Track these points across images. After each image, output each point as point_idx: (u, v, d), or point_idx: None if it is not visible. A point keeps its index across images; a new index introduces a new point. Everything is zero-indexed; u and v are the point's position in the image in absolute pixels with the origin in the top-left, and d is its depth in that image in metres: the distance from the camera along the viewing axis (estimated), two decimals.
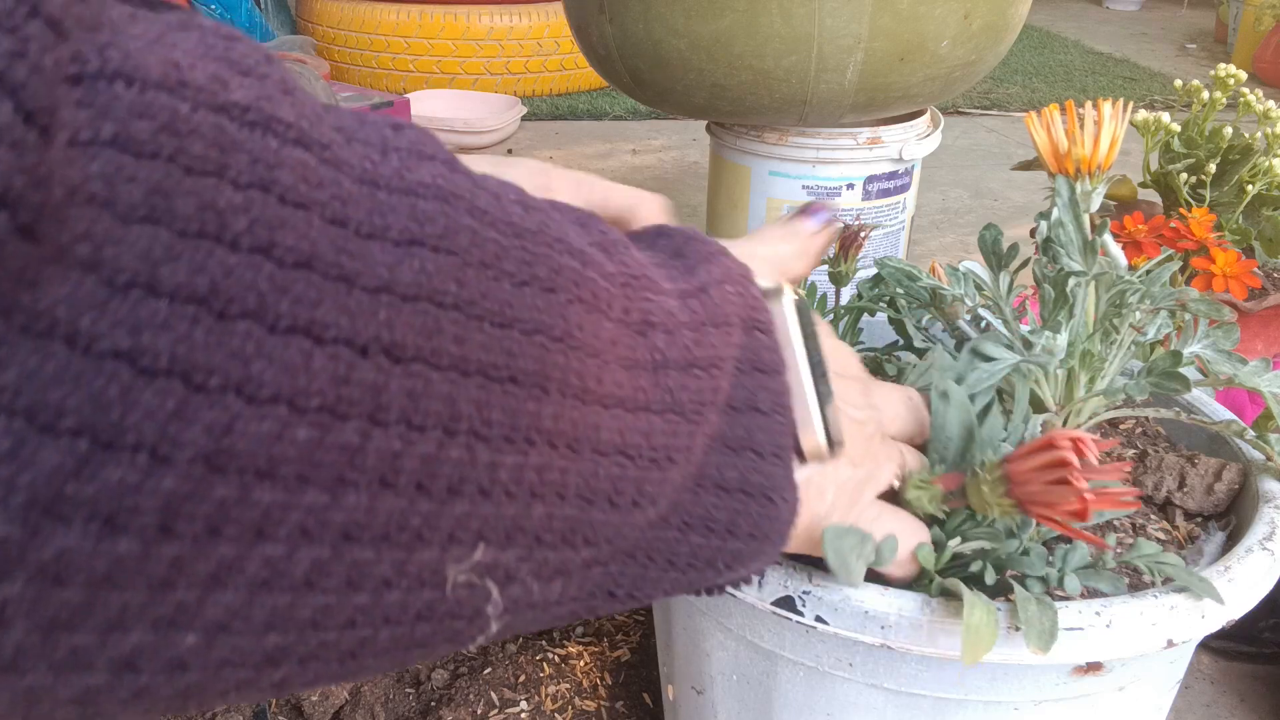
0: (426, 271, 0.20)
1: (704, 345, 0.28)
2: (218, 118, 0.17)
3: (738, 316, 0.29)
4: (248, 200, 0.17)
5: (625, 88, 1.11)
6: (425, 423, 0.20)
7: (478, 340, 0.21)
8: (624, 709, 0.65)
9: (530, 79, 2.51)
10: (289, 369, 0.17)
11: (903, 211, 1.16)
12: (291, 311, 0.17)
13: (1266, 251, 0.86)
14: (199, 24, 0.18)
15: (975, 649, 0.32)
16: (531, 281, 0.22)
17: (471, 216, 0.21)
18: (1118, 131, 0.41)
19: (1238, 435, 0.46)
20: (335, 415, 0.18)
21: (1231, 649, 0.73)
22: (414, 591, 0.21)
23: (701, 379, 0.27)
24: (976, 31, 0.99)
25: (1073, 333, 0.43)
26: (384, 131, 0.21)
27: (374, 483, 0.19)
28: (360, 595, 0.20)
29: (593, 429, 0.24)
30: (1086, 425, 0.46)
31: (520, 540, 0.23)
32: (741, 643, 0.42)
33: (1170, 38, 3.65)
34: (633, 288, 0.26)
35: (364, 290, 0.18)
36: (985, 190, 1.86)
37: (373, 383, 0.19)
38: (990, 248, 0.46)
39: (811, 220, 0.40)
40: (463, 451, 0.20)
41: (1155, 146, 0.90)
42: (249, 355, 0.17)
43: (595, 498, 0.25)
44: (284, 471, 0.18)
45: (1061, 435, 0.32)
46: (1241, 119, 0.88)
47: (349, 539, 0.19)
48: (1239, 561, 0.38)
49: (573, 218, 0.27)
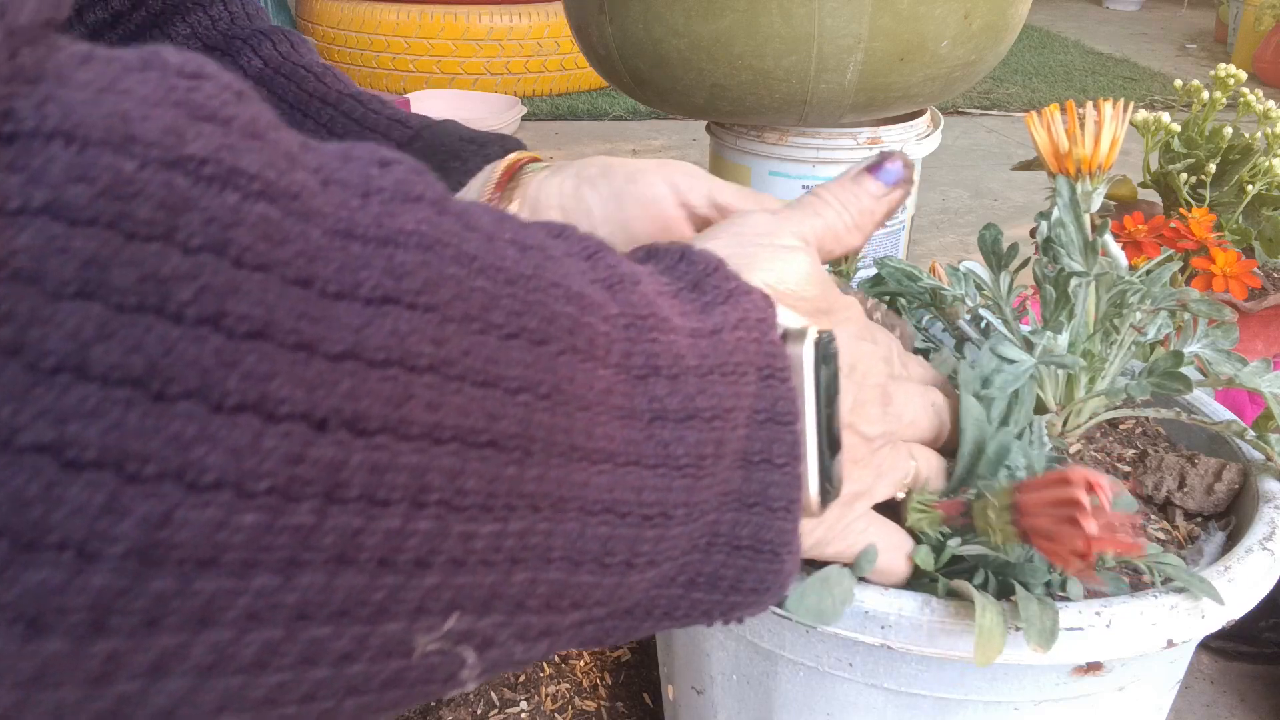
0: (400, 332, 0.18)
1: (710, 394, 0.26)
2: (169, 175, 0.16)
3: (752, 365, 0.28)
4: (197, 266, 0.16)
5: (625, 88, 1.11)
6: (390, 497, 0.18)
7: (454, 404, 0.19)
8: (624, 709, 0.65)
9: (530, 79, 2.51)
10: (235, 451, 0.16)
11: (903, 211, 1.16)
12: (240, 388, 0.16)
13: (1266, 251, 0.86)
14: (162, 62, 0.17)
15: (987, 650, 0.32)
16: (520, 333, 0.21)
17: (458, 264, 0.20)
18: (1118, 132, 0.41)
19: (1238, 435, 0.46)
20: (287, 497, 0.17)
21: (1231, 649, 0.73)
22: (378, 663, 0.20)
23: (702, 431, 0.26)
24: (976, 31, 0.99)
25: (1073, 333, 0.43)
26: (368, 171, 0.20)
27: (331, 561, 0.18)
28: (318, 670, 0.19)
29: (579, 487, 0.23)
30: (1087, 425, 0.46)
31: (500, 607, 0.22)
32: (741, 643, 0.42)
33: (1170, 38, 3.65)
34: (637, 328, 0.25)
35: (326, 358, 0.17)
36: (985, 190, 1.86)
37: (331, 460, 0.17)
38: (990, 248, 0.46)
39: (880, 179, 0.36)
40: (432, 523, 0.19)
41: (1155, 146, 0.90)
42: (189, 439, 0.16)
43: (583, 559, 0.23)
44: (229, 558, 0.16)
45: (1078, 474, 0.31)
46: (1241, 119, 0.88)
47: (304, 618, 0.18)
48: (1239, 561, 0.38)
49: (580, 250, 0.25)
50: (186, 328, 0.16)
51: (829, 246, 0.36)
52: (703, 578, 0.28)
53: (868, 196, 0.36)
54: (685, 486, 0.26)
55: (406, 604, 0.19)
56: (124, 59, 0.16)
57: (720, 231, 0.34)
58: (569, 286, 0.23)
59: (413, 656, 0.20)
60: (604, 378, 0.23)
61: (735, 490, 0.28)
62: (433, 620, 0.20)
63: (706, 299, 0.28)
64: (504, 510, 0.21)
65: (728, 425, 0.27)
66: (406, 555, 0.19)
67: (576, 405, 0.22)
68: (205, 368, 0.16)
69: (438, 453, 0.19)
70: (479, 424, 0.20)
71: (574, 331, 0.22)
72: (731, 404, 0.27)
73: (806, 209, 0.36)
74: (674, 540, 0.26)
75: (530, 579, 0.22)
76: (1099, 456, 0.47)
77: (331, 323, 0.17)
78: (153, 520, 0.15)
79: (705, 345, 0.26)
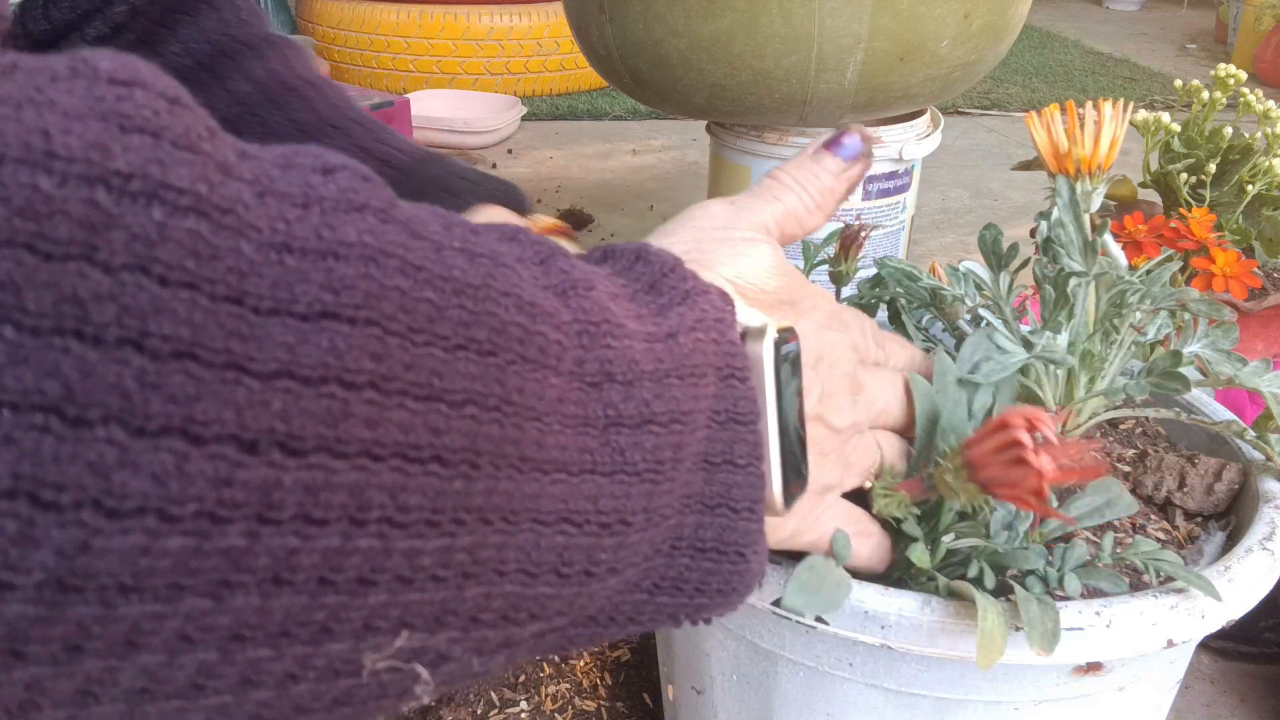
0: (337, 349, 0.18)
1: (666, 398, 0.26)
2: (91, 192, 0.15)
3: (711, 366, 0.27)
4: (118, 286, 0.15)
5: (625, 88, 1.11)
6: (327, 516, 0.18)
7: (395, 420, 0.19)
8: (624, 709, 0.65)
9: (530, 79, 2.51)
10: (158, 476, 0.16)
11: (903, 211, 1.15)
12: (164, 411, 0.16)
13: (1266, 251, 0.86)
14: (91, 70, 0.16)
15: (990, 653, 0.32)
16: (468, 345, 0.20)
17: (403, 276, 0.19)
18: (1118, 132, 0.41)
19: (1238, 435, 0.46)
20: (215, 520, 0.16)
21: (1231, 649, 0.73)
22: (325, 683, 0.19)
23: (660, 435, 0.25)
24: (976, 31, 0.99)
25: (1073, 333, 0.43)
26: (309, 178, 0.19)
27: (265, 582, 0.17)
28: (260, 692, 0.18)
29: (532, 498, 0.22)
30: (1086, 425, 0.46)
31: (453, 623, 0.21)
32: (741, 643, 0.42)
33: (1170, 38, 3.65)
34: (590, 335, 0.24)
35: (257, 378, 0.17)
36: (985, 190, 1.86)
37: (262, 481, 0.17)
38: (990, 248, 0.46)
39: (839, 155, 0.35)
40: (374, 541, 0.19)
41: (1155, 146, 0.90)
42: (109, 465, 0.15)
43: (540, 571, 0.23)
44: (154, 584, 0.16)
45: (1014, 416, 0.31)
46: (1241, 119, 0.88)
47: (239, 640, 0.17)
48: (1239, 561, 0.38)
49: (533, 255, 0.25)
50: (106, 350, 0.15)
51: (791, 230, 0.35)
52: (667, 582, 0.28)
53: (827, 175, 0.35)
54: (644, 492, 0.25)
55: (351, 623, 0.19)
56: (51, 68, 0.16)
57: (679, 226, 0.34)
58: (519, 295, 0.22)
59: (362, 675, 0.20)
60: (556, 386, 0.23)
61: (698, 493, 0.27)
62: (381, 639, 0.20)
63: (663, 300, 0.28)
64: (452, 525, 0.20)
65: (687, 428, 0.26)
66: (348, 574, 0.18)
67: (527, 416, 0.22)
68: (126, 391, 0.15)
69: (378, 470, 0.18)
70: (422, 439, 0.19)
71: (524, 341, 0.22)
72: (690, 407, 0.26)
73: (765, 195, 0.35)
74: (635, 547, 0.26)
75: (485, 593, 0.22)
76: (1099, 456, 0.47)
77: (264, 341, 0.17)
78: (70, 548, 0.15)
79: (661, 349, 0.26)
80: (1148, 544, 0.38)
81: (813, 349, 0.34)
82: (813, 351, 0.34)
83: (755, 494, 0.29)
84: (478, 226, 0.23)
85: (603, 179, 1.92)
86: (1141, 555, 0.37)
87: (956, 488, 0.34)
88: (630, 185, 1.89)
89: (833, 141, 0.36)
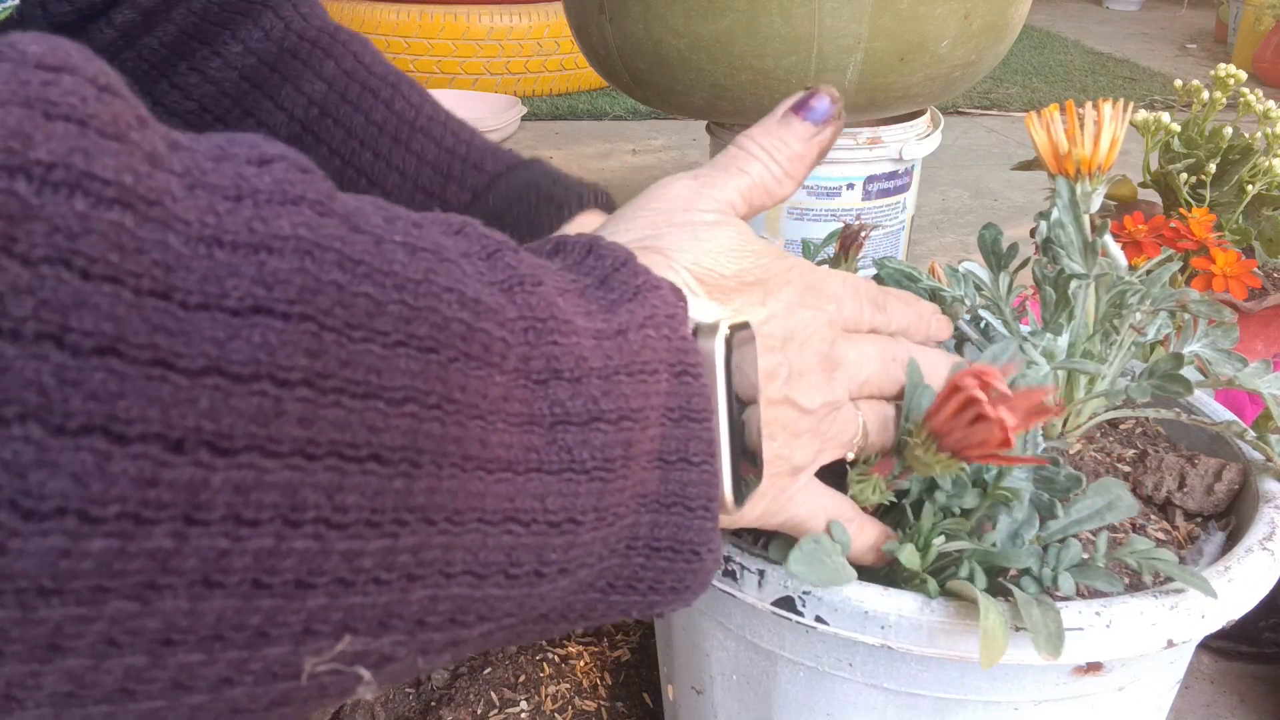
0: (269, 345, 0.17)
1: (615, 395, 0.25)
2: (10, 182, 0.15)
3: (663, 363, 0.27)
4: (37, 279, 0.15)
5: (625, 88, 1.11)
6: (259, 517, 0.17)
7: (330, 418, 0.18)
8: (624, 709, 0.65)
9: (530, 79, 2.51)
10: (78, 476, 0.15)
11: (903, 211, 1.16)
12: (85, 408, 0.15)
13: (1266, 251, 0.86)
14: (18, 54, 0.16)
15: (992, 652, 0.32)
16: (408, 341, 0.20)
17: (340, 270, 0.19)
18: (1118, 132, 0.41)
19: (1238, 436, 0.46)
20: (139, 521, 0.16)
21: (1231, 649, 0.73)
22: (263, 686, 0.19)
23: (609, 433, 0.25)
24: (976, 31, 0.99)
25: (1073, 334, 0.43)
26: (242, 170, 0.19)
27: (195, 584, 0.17)
28: (193, 696, 0.18)
29: (476, 498, 0.22)
30: (1087, 425, 0.46)
31: (397, 626, 0.21)
32: (741, 643, 0.42)
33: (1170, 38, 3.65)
34: (536, 332, 0.24)
35: (184, 374, 0.16)
36: (985, 190, 1.86)
37: (189, 481, 0.16)
38: (990, 248, 0.46)
39: (809, 119, 0.34)
40: (310, 542, 0.18)
41: (1155, 146, 0.90)
42: (25, 465, 0.15)
43: (488, 572, 0.22)
44: (76, 586, 0.16)
45: (964, 375, 0.32)
46: (1241, 119, 0.88)
47: (169, 644, 0.17)
48: (1239, 561, 0.38)
49: (479, 249, 0.24)
50: (24, 345, 0.15)
51: (759, 201, 0.34)
52: (621, 581, 0.28)
53: (797, 140, 0.34)
54: (594, 491, 0.25)
55: (289, 627, 0.19)
56: None
57: (639, 209, 0.33)
58: (463, 291, 0.22)
59: (301, 678, 0.20)
60: (500, 384, 0.22)
61: (653, 491, 0.27)
62: (322, 643, 0.19)
63: (613, 296, 0.27)
64: (393, 526, 0.20)
65: (638, 426, 0.26)
66: (283, 576, 0.18)
67: (470, 414, 0.21)
68: (45, 387, 0.15)
69: (312, 469, 0.18)
70: (358, 438, 0.19)
71: (467, 338, 0.21)
72: (640, 404, 0.26)
73: (730, 166, 0.34)
74: (587, 546, 0.25)
75: (430, 595, 0.21)
76: (1099, 456, 0.47)
77: (191, 336, 0.16)
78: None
79: (610, 345, 0.26)
80: (1143, 543, 0.38)
81: (780, 330, 0.33)
82: (779, 334, 0.33)
83: (710, 491, 0.28)
84: (422, 219, 0.23)
85: (603, 179, 1.92)
86: (1136, 554, 0.37)
87: (928, 460, 0.34)
88: (630, 185, 1.89)
89: (801, 104, 0.34)
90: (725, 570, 0.38)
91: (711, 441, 0.28)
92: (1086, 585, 0.37)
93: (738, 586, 0.38)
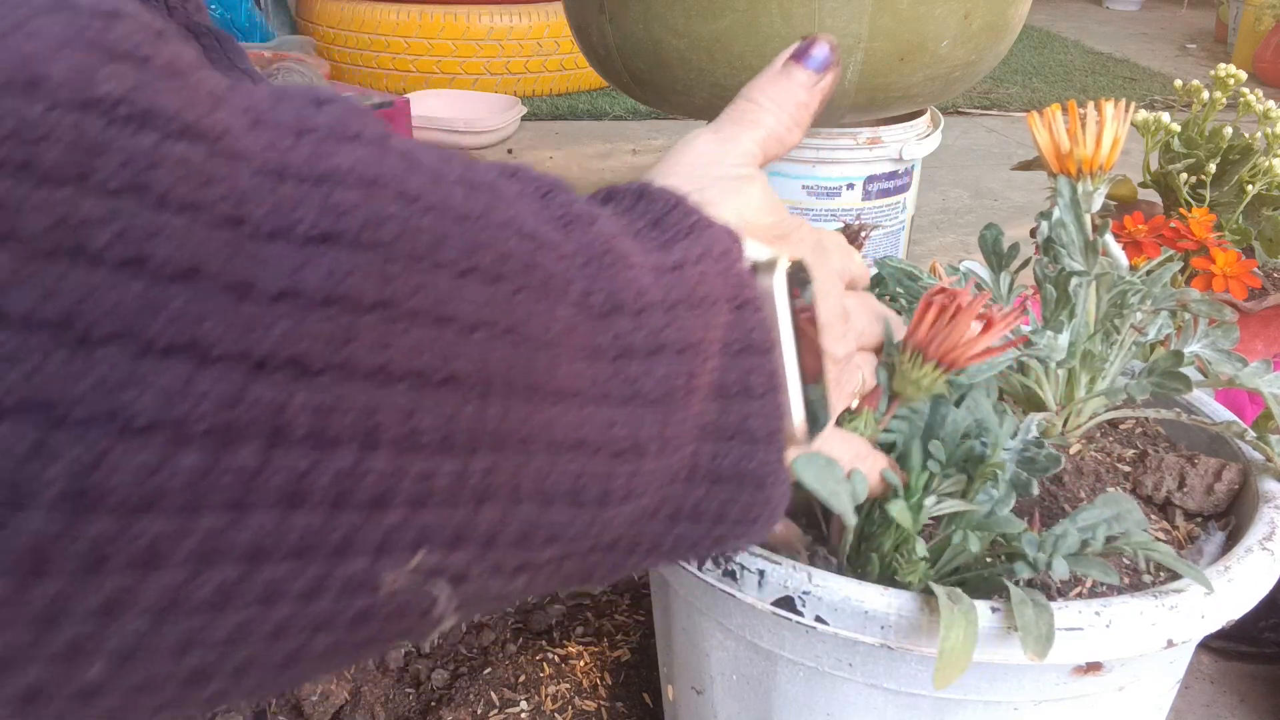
0: (340, 271, 0.18)
1: (676, 327, 0.26)
2: (80, 117, 0.15)
3: (722, 295, 0.27)
4: (115, 209, 0.15)
5: (625, 88, 1.11)
6: (339, 437, 0.18)
7: (404, 343, 0.19)
8: (624, 709, 0.65)
9: (530, 79, 2.51)
10: (167, 394, 0.16)
11: (903, 211, 1.15)
12: (169, 331, 0.16)
13: (1266, 251, 0.86)
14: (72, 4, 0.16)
15: (948, 672, 0.32)
16: (473, 271, 0.20)
17: (401, 203, 0.19)
18: (1119, 132, 0.41)
19: (1238, 436, 0.46)
20: (227, 439, 0.17)
21: (1231, 649, 0.73)
22: (344, 599, 0.20)
23: (672, 364, 0.25)
24: (976, 31, 0.99)
25: (1074, 333, 0.43)
26: (301, 110, 0.19)
27: (280, 503, 0.18)
28: (280, 609, 0.19)
29: (544, 425, 0.22)
30: (1087, 425, 0.46)
31: (469, 545, 0.21)
32: (741, 643, 0.42)
33: (1170, 38, 3.65)
34: (596, 267, 0.24)
35: (260, 299, 0.17)
36: (985, 190, 1.86)
37: (271, 401, 0.17)
38: (991, 247, 0.46)
39: (809, 67, 0.35)
40: (387, 463, 0.19)
41: (1155, 146, 0.90)
42: (117, 383, 0.15)
43: (554, 497, 0.23)
44: (169, 502, 0.16)
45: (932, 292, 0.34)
46: (1241, 119, 0.88)
47: (258, 558, 0.18)
48: (1239, 561, 0.38)
49: (532, 190, 0.25)
50: (107, 271, 0.15)
51: (773, 152, 0.35)
52: (685, 510, 0.28)
53: (801, 89, 0.35)
54: (658, 420, 0.25)
55: (368, 542, 0.19)
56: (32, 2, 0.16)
57: (673, 167, 0.34)
58: (521, 225, 0.22)
59: (380, 593, 0.20)
60: (563, 317, 0.23)
61: (712, 422, 0.28)
62: (398, 557, 0.20)
63: (667, 236, 0.28)
64: (465, 449, 0.20)
65: (698, 357, 0.26)
66: (362, 495, 0.19)
67: (536, 344, 0.22)
68: (129, 311, 0.15)
69: (388, 392, 0.19)
70: (433, 363, 0.19)
71: (529, 270, 0.22)
72: (700, 335, 0.26)
73: (745, 120, 0.35)
74: (650, 474, 0.26)
75: (499, 516, 0.22)
76: (1099, 456, 0.47)
77: (265, 263, 0.17)
78: (83, 464, 0.15)
79: (669, 280, 0.26)
80: (1138, 534, 0.38)
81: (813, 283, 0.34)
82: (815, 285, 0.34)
83: (773, 424, 0.29)
84: (476, 162, 0.23)
85: (603, 179, 1.92)
86: (1133, 544, 0.37)
87: (918, 377, 0.35)
88: None
89: (800, 53, 0.36)
90: (725, 570, 0.38)
91: (774, 374, 0.29)
92: (1079, 574, 0.37)
93: (738, 586, 0.38)
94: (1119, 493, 0.39)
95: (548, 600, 0.74)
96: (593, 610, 0.73)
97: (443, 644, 0.70)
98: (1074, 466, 0.45)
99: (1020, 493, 0.38)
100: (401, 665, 0.68)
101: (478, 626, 0.71)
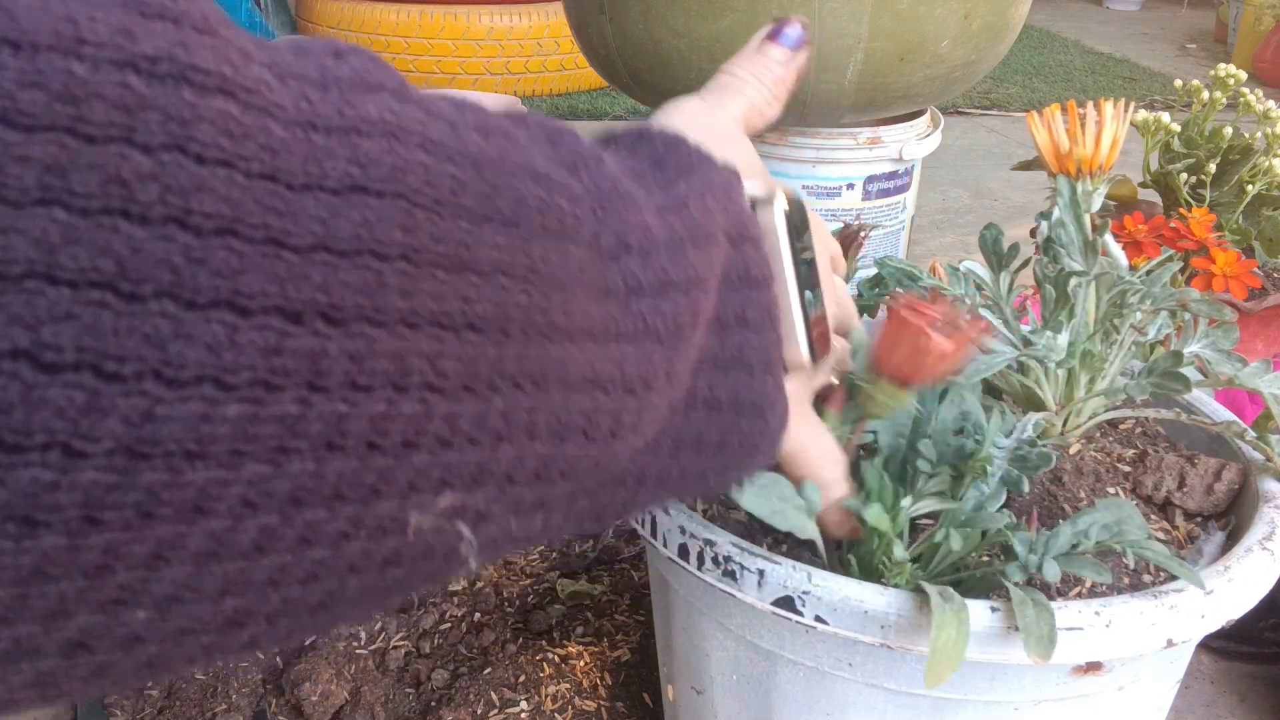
0: (368, 221, 0.18)
1: (682, 265, 0.26)
2: (123, 75, 0.15)
3: (722, 230, 0.28)
4: (158, 166, 0.16)
5: (625, 88, 1.11)
6: (372, 383, 0.19)
7: (427, 290, 0.19)
8: (624, 709, 0.65)
9: (530, 79, 2.51)
10: (212, 346, 0.16)
11: (903, 211, 1.15)
12: (212, 284, 0.16)
13: (1266, 251, 0.86)
14: None
15: (939, 670, 0.32)
16: (491, 216, 0.21)
17: (424, 151, 0.20)
18: (1119, 131, 0.41)
19: (1238, 436, 0.46)
20: (269, 388, 0.17)
21: (1231, 649, 0.73)
22: (376, 540, 0.20)
23: (679, 301, 0.26)
24: (976, 31, 0.99)
25: (1073, 333, 0.43)
26: (323, 61, 0.20)
27: (319, 448, 0.18)
28: (317, 551, 0.19)
29: (559, 364, 0.23)
30: (1086, 425, 0.46)
31: (489, 482, 0.22)
32: (741, 643, 0.42)
33: (1170, 38, 3.65)
34: (605, 209, 0.25)
35: (296, 251, 0.17)
36: (985, 190, 1.86)
37: (309, 350, 0.18)
38: (991, 247, 0.46)
39: (783, 44, 0.37)
40: (416, 406, 0.20)
41: (1155, 146, 0.90)
42: (166, 337, 0.16)
43: (568, 433, 0.24)
44: (216, 450, 0.17)
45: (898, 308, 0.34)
46: (1241, 119, 0.88)
47: (297, 503, 0.18)
48: (1238, 561, 0.38)
49: (542, 134, 0.26)
50: (154, 228, 0.16)
51: (755, 123, 0.36)
52: (687, 441, 0.28)
53: (777, 65, 0.37)
54: (665, 355, 0.26)
55: (398, 484, 0.20)
56: None
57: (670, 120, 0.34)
58: (534, 169, 0.23)
59: (409, 533, 0.21)
60: (577, 257, 0.24)
61: (710, 353, 0.28)
62: (425, 498, 0.21)
63: (669, 174, 0.29)
64: (487, 390, 0.21)
65: (704, 292, 0.27)
66: (393, 438, 0.19)
67: (552, 285, 0.23)
68: (175, 266, 0.16)
69: (416, 337, 0.19)
70: (454, 307, 0.20)
71: (544, 212, 0.23)
72: (705, 271, 0.27)
73: (730, 90, 0.36)
74: (656, 407, 0.26)
75: (517, 454, 0.23)
76: (1099, 456, 0.47)
77: (299, 215, 0.17)
78: (136, 416, 0.16)
79: (673, 219, 0.27)
80: (1133, 532, 0.38)
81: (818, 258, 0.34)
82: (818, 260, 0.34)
83: (769, 354, 0.29)
84: (485, 108, 0.24)
85: None
86: (1125, 542, 0.37)
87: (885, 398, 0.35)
88: None
89: (774, 33, 0.37)
90: (725, 570, 0.38)
91: (771, 306, 0.29)
92: (1071, 574, 0.37)
93: (738, 586, 0.38)
94: (1120, 498, 0.39)
95: (548, 600, 0.74)
96: (593, 610, 0.73)
97: (443, 644, 0.70)
98: (1074, 466, 0.45)
99: (1011, 489, 0.38)
100: (401, 665, 0.68)
101: (478, 626, 0.71)
